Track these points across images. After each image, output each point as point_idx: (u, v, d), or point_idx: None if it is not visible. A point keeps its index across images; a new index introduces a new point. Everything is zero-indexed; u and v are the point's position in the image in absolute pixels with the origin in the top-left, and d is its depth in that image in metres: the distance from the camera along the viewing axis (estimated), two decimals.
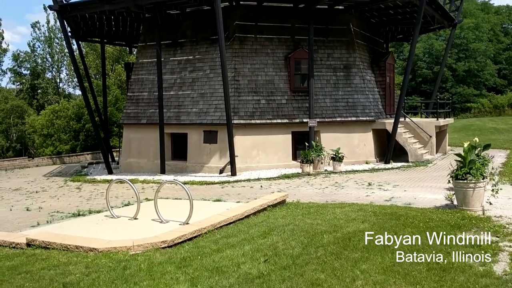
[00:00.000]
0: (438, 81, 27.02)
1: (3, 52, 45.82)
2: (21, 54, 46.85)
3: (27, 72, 47.59)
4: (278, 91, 18.97)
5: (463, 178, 9.27)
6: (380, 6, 19.89)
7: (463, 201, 9.30)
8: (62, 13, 19.32)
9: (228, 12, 18.57)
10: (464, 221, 8.12)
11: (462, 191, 9.31)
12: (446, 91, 49.53)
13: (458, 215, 8.67)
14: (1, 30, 45.65)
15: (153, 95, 19.96)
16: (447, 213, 8.90)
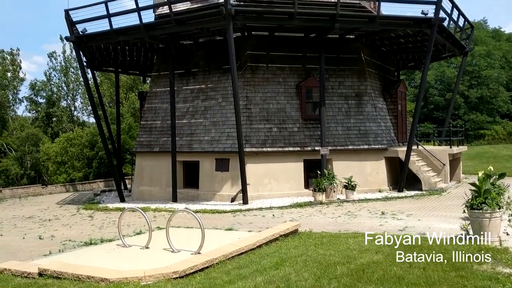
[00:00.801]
0: (450, 108, 26.89)
1: (20, 81, 46.80)
2: (38, 83, 47.82)
3: (42, 100, 48.44)
4: (290, 119, 19.05)
5: (478, 208, 9.12)
6: (390, 35, 20.06)
7: (479, 231, 9.13)
8: (78, 44, 19.80)
9: (240, 42, 18.88)
10: (480, 253, 7.94)
11: (478, 221, 9.14)
12: (459, 118, 49.24)
13: (475, 246, 8.49)
14: (19, 60, 46.77)
15: (166, 124, 20.16)
16: (463, 244, 8.72)
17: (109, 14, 18.15)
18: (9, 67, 45.65)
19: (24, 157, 39.95)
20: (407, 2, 17.56)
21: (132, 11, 17.68)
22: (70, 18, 19.17)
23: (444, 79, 52.09)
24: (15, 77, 46.20)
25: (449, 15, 19.48)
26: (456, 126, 40.83)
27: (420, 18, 17.90)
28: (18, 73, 46.42)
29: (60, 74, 47.48)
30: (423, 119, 48.96)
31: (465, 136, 33.40)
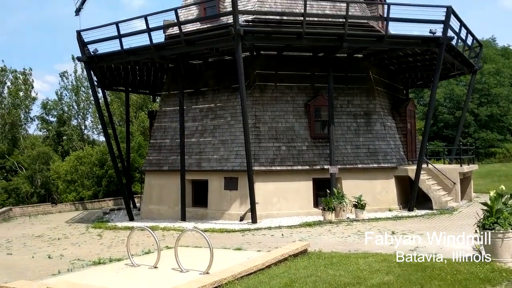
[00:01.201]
0: (460, 126, 26.76)
1: (32, 101, 47.43)
2: (49, 102, 48.46)
3: (53, 119, 49.01)
4: (299, 138, 19.05)
5: (490, 228, 8.98)
6: (399, 53, 20.13)
7: (491, 252, 8.98)
8: (89, 64, 20.10)
9: (249, 61, 19.05)
10: (493, 274, 7.81)
11: None
12: (469, 136, 48.92)
13: (487, 267, 8.35)
14: (31, 80, 47.48)
15: (175, 142, 20.26)
16: (476, 265, 8.58)
17: (120, 34, 18.44)
18: (21, 87, 46.34)
19: (34, 176, 40.22)
20: (415, 21, 17.61)
21: (143, 32, 17.95)
22: (82, 39, 19.50)
23: (453, 97, 51.97)
24: (27, 97, 46.85)
25: (457, 34, 19.53)
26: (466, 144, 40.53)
27: (428, 37, 17.96)
28: (30, 92, 47.09)
29: (71, 93, 48.12)
30: (432, 137, 48.72)
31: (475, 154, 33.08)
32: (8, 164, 42.26)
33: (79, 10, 24.03)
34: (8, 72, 46.32)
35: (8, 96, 45.67)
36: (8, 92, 45.85)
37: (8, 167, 42.29)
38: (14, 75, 46.39)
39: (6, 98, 45.75)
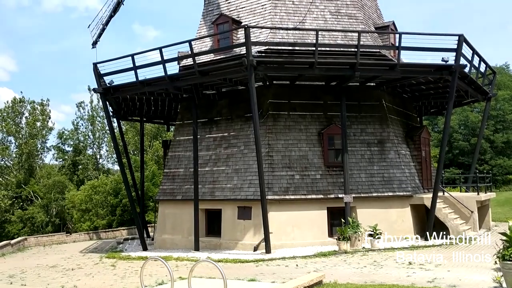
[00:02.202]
0: (476, 154, 26.42)
1: (49, 131, 48.29)
2: (66, 132, 49.29)
3: (69, 149, 49.74)
4: (312, 166, 18.99)
5: (511, 259, 8.77)
6: (411, 82, 20.17)
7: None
8: (105, 95, 20.47)
9: (262, 91, 19.23)
10: None
11: (511, 273, 8.77)
12: (485, 163, 48.25)
13: None
14: (48, 110, 48.47)
15: (188, 171, 20.33)
16: None
17: (135, 66, 18.81)
18: (39, 117, 47.28)
19: (49, 205, 40.59)
20: (427, 50, 17.68)
21: (158, 64, 18.29)
22: (98, 71, 19.94)
23: (468, 124, 51.53)
24: (44, 127, 47.71)
25: (470, 62, 19.51)
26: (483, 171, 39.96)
27: (441, 65, 17.99)
28: (47, 122, 47.99)
29: (87, 123, 48.93)
30: (448, 165, 48.13)
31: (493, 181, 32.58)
32: (24, 194, 42.75)
33: (96, 43, 24.63)
34: (26, 103, 47.40)
35: (26, 127, 46.57)
36: (26, 122, 46.80)
37: (24, 196, 42.76)
38: (32, 106, 47.43)
39: (24, 128, 46.65)
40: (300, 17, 20.37)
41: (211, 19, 21.58)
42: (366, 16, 21.69)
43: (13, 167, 45.61)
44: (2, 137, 46.55)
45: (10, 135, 46.21)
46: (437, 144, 43.12)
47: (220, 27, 20.67)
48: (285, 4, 20.58)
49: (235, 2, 21.62)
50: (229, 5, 21.72)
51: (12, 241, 25.61)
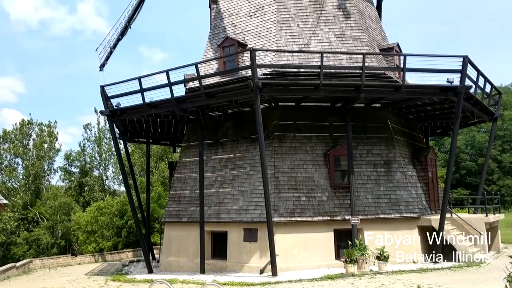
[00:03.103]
0: (483, 174, 26.22)
1: (56, 152, 48.51)
2: (73, 153, 49.52)
3: (76, 170, 49.89)
4: (319, 188, 18.91)
5: None
6: (417, 103, 20.19)
7: None
8: (112, 117, 20.62)
9: (267, 112, 19.32)
10: None
11: None
12: (493, 184, 47.90)
13: None
14: (56, 132, 48.79)
15: (194, 193, 20.31)
16: None
17: (142, 89, 18.99)
18: (46, 139, 47.57)
19: (55, 226, 40.52)
20: (432, 71, 17.76)
21: (164, 86, 18.46)
22: (105, 93, 20.14)
23: (475, 144, 51.36)
24: (51, 148, 47.98)
25: (475, 82, 19.51)
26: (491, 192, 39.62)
27: (446, 86, 18.02)
28: (54, 144, 48.26)
29: (94, 145, 49.19)
30: (455, 185, 47.81)
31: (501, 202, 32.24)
32: (30, 215, 42.75)
33: (103, 66, 25.01)
34: (34, 125, 47.80)
35: (33, 148, 46.86)
36: (33, 144, 47.10)
37: (30, 218, 42.76)
38: (39, 128, 47.80)
39: (31, 150, 46.94)
40: (305, 40, 20.58)
41: (217, 42, 21.84)
42: (370, 38, 21.87)
43: (19, 188, 45.74)
44: (9, 158, 46.83)
45: (18, 156, 46.48)
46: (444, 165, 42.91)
47: (226, 49, 20.90)
48: (290, 27, 20.82)
49: (241, 26, 21.91)
50: (235, 29, 22.01)
51: (17, 264, 25.54)
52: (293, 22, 20.96)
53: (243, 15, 22.06)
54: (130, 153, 35.57)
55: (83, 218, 36.87)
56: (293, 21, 20.98)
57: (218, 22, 22.85)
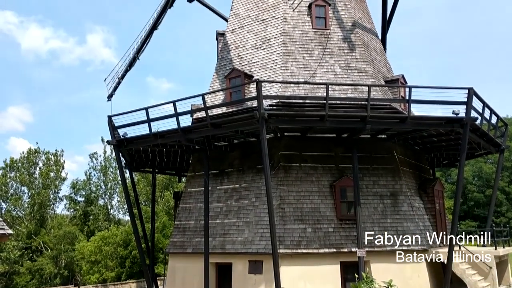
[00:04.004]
0: (492, 206, 25.91)
1: (62, 181, 48.69)
2: (79, 182, 49.66)
3: (81, 199, 49.93)
4: (325, 219, 18.74)
5: None
6: (423, 134, 20.18)
7: None
8: (118, 147, 20.73)
9: (273, 142, 19.34)
10: None
11: None
12: (502, 216, 47.27)
13: None
14: (62, 161, 49.10)
15: (199, 224, 20.18)
16: None
17: (149, 119, 19.14)
18: (52, 168, 47.83)
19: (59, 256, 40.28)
20: (437, 103, 17.81)
21: (171, 116, 18.60)
22: (113, 123, 20.31)
23: (482, 175, 50.99)
24: (58, 177, 48.17)
25: (480, 114, 19.50)
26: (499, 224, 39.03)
27: (452, 118, 18.01)
28: (60, 173, 48.49)
29: (100, 174, 49.34)
30: (463, 217, 47.26)
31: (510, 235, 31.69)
32: (34, 244, 42.57)
33: (111, 96, 25.34)
34: (41, 153, 48.14)
35: (39, 177, 47.05)
36: (40, 172, 47.31)
37: (34, 247, 42.55)
38: (46, 157, 48.11)
39: (37, 178, 47.12)
40: (311, 71, 20.80)
41: (223, 73, 22.12)
42: (375, 70, 22.07)
43: (24, 217, 45.73)
44: (16, 187, 46.99)
45: (24, 185, 46.65)
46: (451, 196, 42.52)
47: (232, 81, 21.15)
48: (295, 59, 21.08)
49: (247, 57, 22.22)
50: (241, 60, 22.32)
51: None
52: (299, 54, 21.24)
53: (250, 47, 22.41)
54: (136, 182, 35.61)
55: (87, 248, 36.64)
56: (299, 53, 21.26)
57: (225, 54, 23.20)
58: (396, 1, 25.50)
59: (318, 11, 21.90)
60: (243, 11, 23.64)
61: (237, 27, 23.48)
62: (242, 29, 23.21)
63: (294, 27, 21.79)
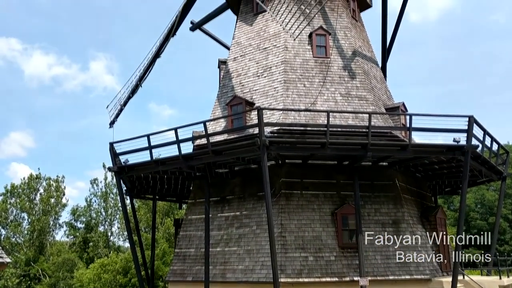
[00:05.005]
0: (495, 234, 25.57)
1: (62, 207, 48.44)
2: (79, 208, 49.40)
3: (81, 225, 49.55)
4: (326, 248, 18.54)
5: None
6: (424, 161, 20.16)
7: None
8: (120, 173, 20.74)
9: (274, 169, 19.31)
10: None
11: None
12: (505, 244, 46.73)
13: None
14: (63, 187, 48.97)
15: (199, 252, 19.98)
16: None
17: (150, 146, 19.21)
18: (53, 194, 47.68)
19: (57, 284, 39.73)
20: (438, 130, 17.88)
21: (173, 143, 18.68)
22: (114, 150, 20.37)
23: (485, 202, 50.65)
24: (58, 203, 47.96)
25: (481, 142, 19.53)
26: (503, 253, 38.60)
27: (453, 145, 18.03)
28: (61, 199, 48.30)
29: (100, 200, 49.11)
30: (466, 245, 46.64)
31: None
32: (33, 272, 42.05)
33: (113, 123, 25.49)
34: (42, 179, 48.07)
35: (40, 203, 46.86)
36: (40, 199, 47.14)
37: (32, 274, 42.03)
38: (47, 182, 48.02)
39: (38, 204, 46.92)
40: (312, 99, 20.94)
41: (225, 100, 22.28)
42: (376, 97, 22.22)
43: (23, 244, 45.33)
44: (16, 213, 46.75)
45: (24, 211, 46.41)
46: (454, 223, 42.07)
47: (234, 108, 21.29)
48: (296, 87, 21.26)
49: (249, 85, 22.42)
50: (243, 88, 22.51)
51: None
52: (300, 82, 21.42)
53: (251, 75, 22.63)
54: (136, 208, 35.39)
55: (86, 276, 36.17)
56: (300, 81, 21.45)
57: (226, 81, 23.43)
58: (396, 30, 25.89)
59: (319, 40, 22.21)
60: (245, 40, 23.99)
61: (239, 55, 23.78)
62: (244, 57, 23.50)
63: (295, 56, 22.06)
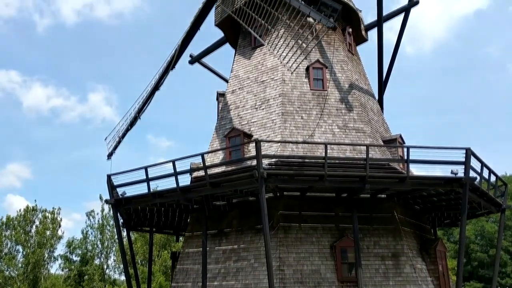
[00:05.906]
0: (496, 267, 25.22)
1: (58, 239, 47.78)
2: (75, 241, 48.73)
3: (77, 258, 48.77)
4: (325, 282, 18.23)
5: None
6: (422, 193, 20.10)
7: None
8: (116, 206, 20.59)
9: (272, 202, 19.18)
10: None
11: None
12: (507, 277, 46.07)
13: None
14: (59, 219, 48.42)
15: (197, 286, 19.63)
16: None
17: (148, 178, 19.16)
18: (49, 226, 47.13)
19: None
20: (435, 163, 17.92)
21: (170, 176, 18.62)
22: (112, 183, 20.29)
23: (485, 234, 50.21)
24: (54, 235, 47.34)
25: (479, 174, 19.52)
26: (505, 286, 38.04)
27: (451, 177, 18.04)
28: (56, 231, 47.70)
29: (97, 232, 48.53)
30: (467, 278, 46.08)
31: None
32: None
33: (111, 154, 25.48)
34: (38, 211, 47.59)
35: (35, 235, 46.25)
36: (36, 231, 46.56)
37: None
38: (43, 215, 47.54)
39: (33, 237, 46.31)
40: (309, 131, 21.03)
41: (223, 132, 22.36)
42: (373, 129, 22.33)
43: (17, 277, 44.46)
44: (10, 246, 46.05)
45: (19, 244, 45.75)
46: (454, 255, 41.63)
47: (232, 140, 21.35)
48: (294, 119, 21.38)
49: (247, 117, 22.54)
50: (241, 120, 22.63)
51: None
52: (297, 114, 21.56)
53: (249, 107, 22.80)
54: (133, 241, 35.00)
55: None
56: (297, 113, 21.60)
57: (225, 113, 23.58)
58: (392, 63, 26.30)
59: (316, 73, 22.49)
60: (243, 73, 24.28)
61: (237, 88, 24.02)
62: (242, 90, 23.74)
63: (292, 88, 22.28)
